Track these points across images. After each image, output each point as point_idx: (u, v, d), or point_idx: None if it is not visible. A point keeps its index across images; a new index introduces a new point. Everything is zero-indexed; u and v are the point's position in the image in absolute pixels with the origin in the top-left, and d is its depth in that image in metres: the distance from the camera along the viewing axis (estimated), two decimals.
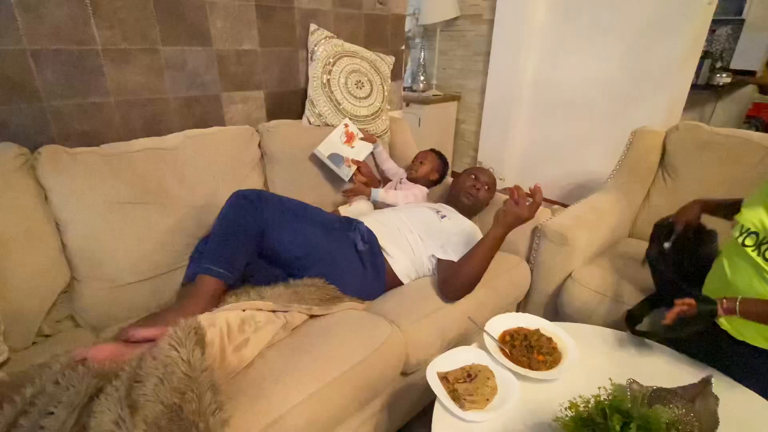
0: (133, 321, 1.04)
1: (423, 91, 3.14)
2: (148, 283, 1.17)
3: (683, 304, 0.90)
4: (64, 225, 1.08)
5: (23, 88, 1.10)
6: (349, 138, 1.61)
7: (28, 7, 1.06)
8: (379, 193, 1.60)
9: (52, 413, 0.72)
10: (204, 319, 0.88)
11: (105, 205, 1.11)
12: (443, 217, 1.40)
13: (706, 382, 0.85)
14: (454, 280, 1.21)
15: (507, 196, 1.14)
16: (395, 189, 1.68)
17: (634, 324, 1.11)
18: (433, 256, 1.30)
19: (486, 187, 1.54)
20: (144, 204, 1.17)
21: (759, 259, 0.92)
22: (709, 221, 1.20)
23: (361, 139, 1.65)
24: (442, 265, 1.27)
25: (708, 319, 0.90)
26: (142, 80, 1.29)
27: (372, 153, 1.72)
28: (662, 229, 1.21)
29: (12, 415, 0.72)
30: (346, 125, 1.62)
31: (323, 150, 1.54)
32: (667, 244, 1.16)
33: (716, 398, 0.81)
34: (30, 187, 1.04)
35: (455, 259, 1.24)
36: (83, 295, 1.10)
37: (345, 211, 1.56)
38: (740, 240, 0.97)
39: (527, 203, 1.10)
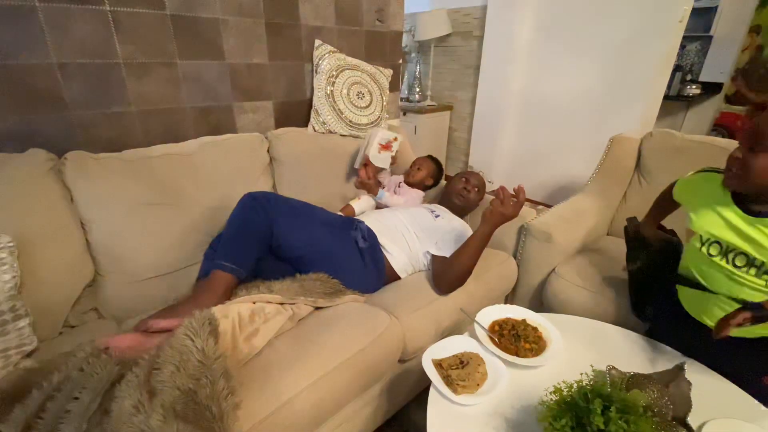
0: (152, 313, 1.04)
1: (418, 102, 3.13)
2: (166, 278, 1.16)
3: (737, 321, 0.77)
4: (89, 224, 1.07)
5: (51, 98, 1.10)
6: (385, 147, 1.61)
7: (55, 24, 1.05)
8: (384, 195, 1.60)
9: (77, 398, 0.71)
10: (217, 310, 0.87)
11: (126, 206, 1.10)
12: (437, 216, 1.40)
13: (679, 368, 0.85)
14: (447, 274, 1.20)
15: (494, 197, 1.13)
16: (395, 192, 1.67)
17: (640, 315, 1.15)
18: (427, 252, 1.30)
19: (476, 189, 1.53)
20: (162, 205, 1.16)
21: (729, 266, 0.87)
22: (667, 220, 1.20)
23: (392, 156, 1.66)
24: (436, 260, 1.27)
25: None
26: (160, 91, 1.28)
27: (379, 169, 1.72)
28: (636, 240, 1.17)
29: (40, 400, 0.71)
30: (395, 139, 1.63)
31: (377, 134, 1.56)
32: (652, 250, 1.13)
33: (689, 383, 0.81)
34: (57, 190, 1.04)
35: (448, 255, 1.24)
36: (106, 289, 1.10)
37: (354, 204, 1.57)
38: (705, 251, 0.91)
39: (512, 202, 1.10)
